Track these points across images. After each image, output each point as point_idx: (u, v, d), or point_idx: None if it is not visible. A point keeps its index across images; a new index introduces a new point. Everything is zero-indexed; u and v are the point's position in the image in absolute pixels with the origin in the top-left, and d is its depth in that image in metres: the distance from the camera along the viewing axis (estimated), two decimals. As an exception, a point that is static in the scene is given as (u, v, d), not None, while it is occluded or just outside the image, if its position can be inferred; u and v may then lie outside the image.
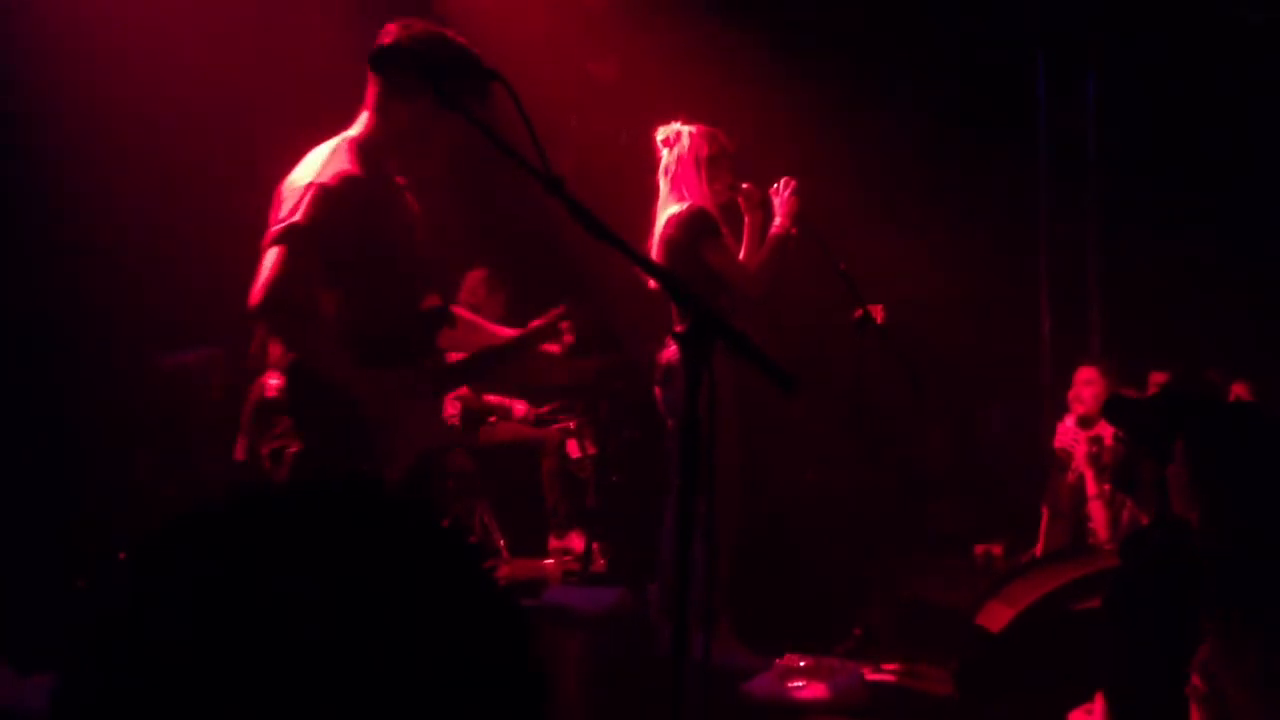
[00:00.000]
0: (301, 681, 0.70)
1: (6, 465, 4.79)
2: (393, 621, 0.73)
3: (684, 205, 4.55)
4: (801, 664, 4.27)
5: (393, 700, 0.71)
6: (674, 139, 4.66)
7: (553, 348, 3.37)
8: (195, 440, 5.54)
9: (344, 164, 2.94)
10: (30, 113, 4.91)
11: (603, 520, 6.50)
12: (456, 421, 6.33)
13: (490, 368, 3.37)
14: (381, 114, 3.02)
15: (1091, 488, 5.49)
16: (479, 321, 3.56)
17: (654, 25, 6.24)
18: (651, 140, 4.72)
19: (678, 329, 2.09)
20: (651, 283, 4.12)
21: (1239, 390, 5.21)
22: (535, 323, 3.38)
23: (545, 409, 7.09)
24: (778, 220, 4.61)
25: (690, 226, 4.50)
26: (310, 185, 2.88)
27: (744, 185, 4.70)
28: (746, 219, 4.74)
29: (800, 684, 4.20)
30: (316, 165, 2.94)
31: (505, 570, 6.19)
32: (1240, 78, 6.87)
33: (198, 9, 5.15)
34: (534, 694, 0.79)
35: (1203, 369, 5.22)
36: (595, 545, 6.38)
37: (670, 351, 4.55)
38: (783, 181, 4.67)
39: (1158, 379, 5.63)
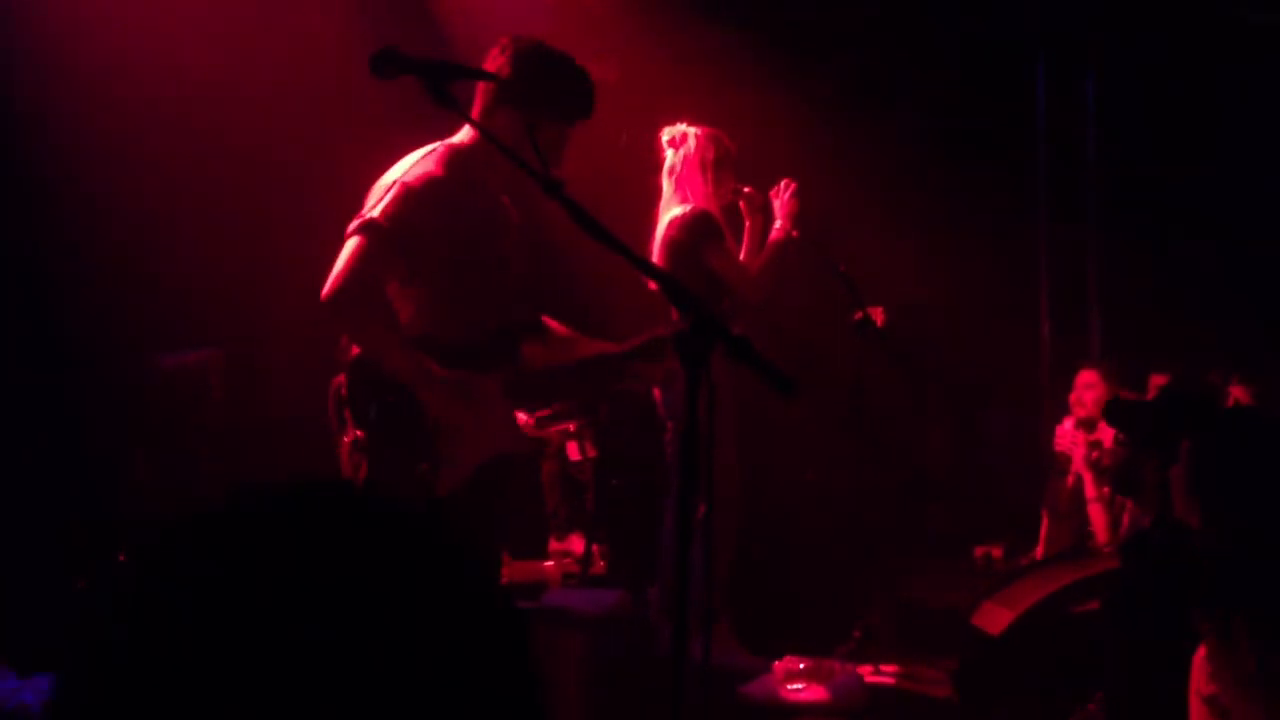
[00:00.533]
0: (298, 683, 0.70)
1: (6, 465, 4.79)
2: (390, 622, 0.73)
3: (687, 207, 4.54)
4: (801, 666, 4.27)
5: (388, 702, 0.71)
6: (680, 140, 4.64)
7: (652, 370, 3.33)
8: (195, 442, 5.53)
9: (431, 166, 2.98)
10: (28, 113, 4.90)
11: (603, 522, 6.50)
12: None
13: (574, 380, 3.31)
14: (483, 122, 3.03)
15: (1090, 490, 5.49)
16: (573, 335, 3.52)
17: (654, 26, 6.24)
18: (650, 142, 4.72)
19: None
20: (651, 284, 4.12)
21: (1237, 393, 5.21)
22: (635, 340, 3.31)
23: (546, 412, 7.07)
24: (778, 223, 4.60)
25: (693, 229, 4.50)
26: (396, 183, 2.92)
27: (745, 189, 4.69)
28: (747, 223, 4.74)
29: (799, 686, 4.20)
30: (407, 165, 3.00)
31: (505, 572, 6.19)
32: (1241, 79, 6.86)
33: (197, 10, 5.15)
34: (530, 696, 0.79)
35: (1203, 372, 5.22)
36: (595, 547, 6.38)
37: (670, 353, 4.54)
38: (783, 183, 4.67)
39: (1158, 382, 5.62)
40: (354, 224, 2.90)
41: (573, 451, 6.91)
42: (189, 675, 0.69)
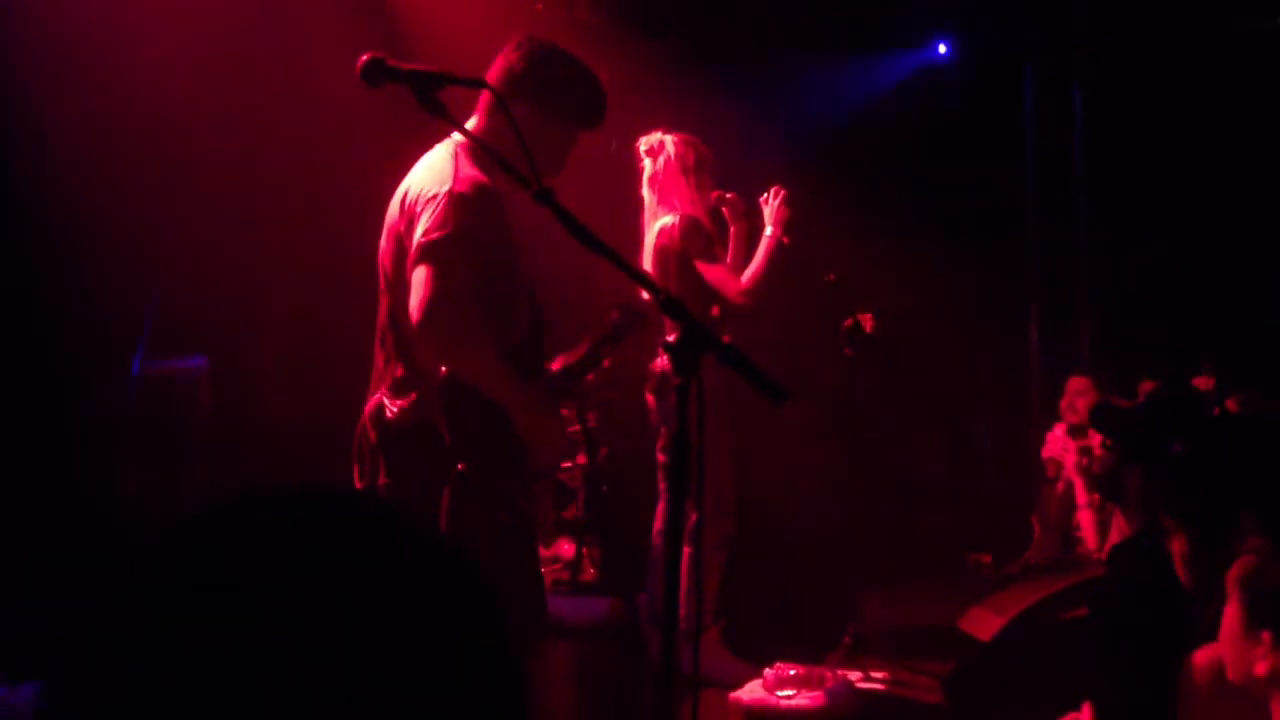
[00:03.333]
0: (292, 684, 0.70)
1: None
2: (386, 625, 0.73)
3: (675, 216, 4.54)
4: (791, 672, 4.27)
5: (381, 703, 0.71)
6: (658, 148, 4.63)
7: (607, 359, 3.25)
8: (184, 450, 5.51)
9: (471, 169, 2.87)
10: (15, 117, 4.89)
11: (593, 529, 6.50)
12: None
13: (577, 379, 3.24)
14: (491, 122, 2.95)
15: (1081, 497, 5.50)
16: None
17: (645, 34, 6.25)
18: (635, 150, 4.71)
19: (669, 338, 2.09)
20: (643, 293, 4.11)
21: (1225, 401, 5.22)
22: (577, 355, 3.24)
23: None
24: (769, 230, 4.60)
25: (684, 236, 4.50)
26: (448, 194, 2.79)
27: (728, 195, 4.69)
28: (732, 229, 4.74)
29: (790, 692, 4.19)
30: (445, 172, 2.86)
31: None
32: (1229, 88, 6.90)
33: (187, 16, 5.14)
34: (516, 701, 0.79)
35: (1190, 379, 5.24)
36: (585, 554, 6.37)
37: (663, 360, 4.55)
38: (773, 190, 4.67)
39: (1148, 388, 5.63)
40: (425, 243, 2.75)
41: (563, 458, 6.90)
42: (183, 677, 0.69)
